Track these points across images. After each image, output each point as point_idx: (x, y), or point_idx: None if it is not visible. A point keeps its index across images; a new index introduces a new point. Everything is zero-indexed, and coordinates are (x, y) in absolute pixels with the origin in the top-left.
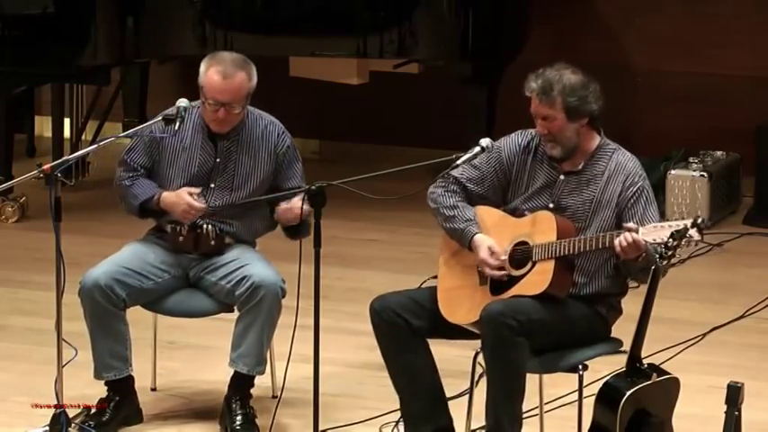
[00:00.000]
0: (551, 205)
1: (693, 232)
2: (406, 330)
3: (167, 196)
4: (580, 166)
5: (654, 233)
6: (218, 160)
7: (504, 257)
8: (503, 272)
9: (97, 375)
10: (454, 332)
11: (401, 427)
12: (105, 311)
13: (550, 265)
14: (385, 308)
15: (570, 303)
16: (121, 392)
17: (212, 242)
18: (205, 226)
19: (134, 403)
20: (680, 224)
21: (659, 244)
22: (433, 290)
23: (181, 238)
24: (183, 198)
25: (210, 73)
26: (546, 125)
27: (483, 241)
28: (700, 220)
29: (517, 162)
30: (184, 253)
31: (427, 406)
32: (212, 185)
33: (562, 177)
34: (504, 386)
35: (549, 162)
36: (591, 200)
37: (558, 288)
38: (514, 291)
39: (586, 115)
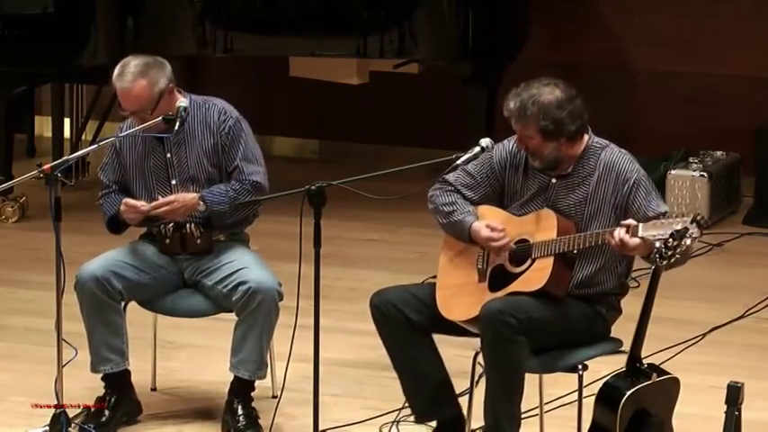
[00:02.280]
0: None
1: (693, 228)
2: (405, 324)
3: (121, 207)
4: (570, 169)
5: (654, 229)
6: (168, 155)
7: (503, 229)
8: (507, 239)
9: (93, 369)
10: (453, 328)
11: (400, 427)
12: (102, 303)
13: (549, 261)
14: (384, 302)
15: (570, 302)
16: (118, 389)
17: (198, 241)
18: (188, 225)
19: (132, 398)
20: (678, 221)
21: (660, 239)
22: (434, 286)
23: (167, 241)
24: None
25: (114, 83)
26: (524, 141)
27: (481, 224)
28: (699, 217)
29: (508, 167)
30: (175, 254)
31: (431, 398)
32: (173, 182)
33: (554, 181)
34: (502, 385)
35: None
36: (583, 200)
37: (555, 285)
38: (513, 287)
39: (563, 135)
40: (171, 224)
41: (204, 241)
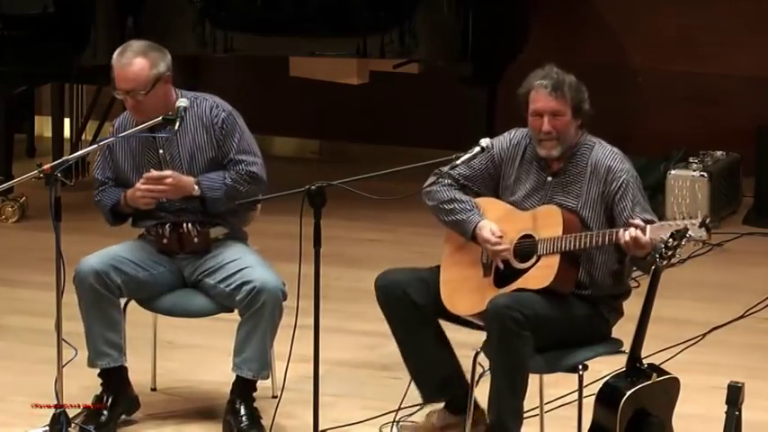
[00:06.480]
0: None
1: (702, 231)
2: (410, 307)
3: (129, 192)
4: (562, 166)
5: (660, 231)
6: (161, 152)
7: (503, 240)
8: (504, 246)
9: (91, 364)
10: (458, 318)
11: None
12: (100, 297)
13: (555, 259)
14: (389, 284)
15: (573, 301)
16: (115, 385)
17: (195, 240)
18: (185, 225)
19: (129, 395)
20: (686, 223)
21: (665, 242)
22: (439, 270)
23: (165, 240)
24: (135, 187)
25: (113, 63)
26: (553, 122)
27: (486, 225)
28: (708, 220)
29: (506, 157)
30: (173, 254)
31: (438, 380)
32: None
33: (550, 179)
34: (507, 380)
35: (537, 164)
36: (577, 199)
37: (562, 283)
38: (518, 284)
39: (583, 116)
40: (168, 224)
41: (201, 240)
